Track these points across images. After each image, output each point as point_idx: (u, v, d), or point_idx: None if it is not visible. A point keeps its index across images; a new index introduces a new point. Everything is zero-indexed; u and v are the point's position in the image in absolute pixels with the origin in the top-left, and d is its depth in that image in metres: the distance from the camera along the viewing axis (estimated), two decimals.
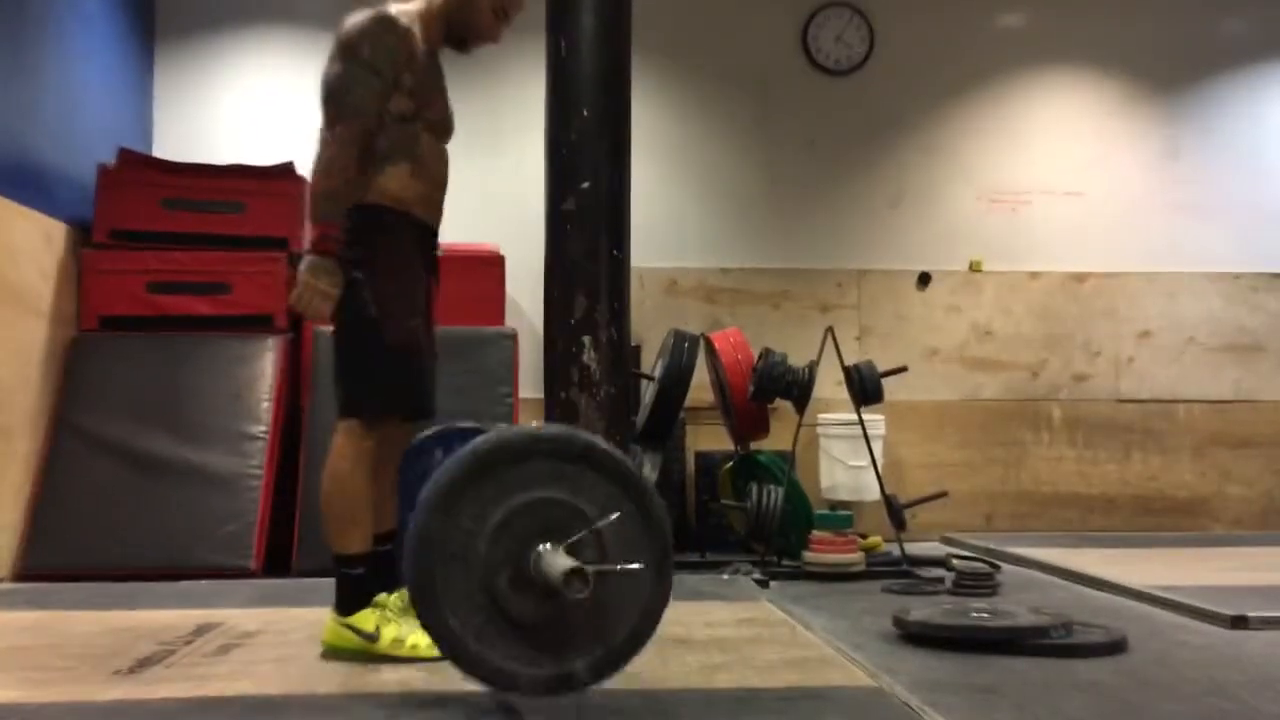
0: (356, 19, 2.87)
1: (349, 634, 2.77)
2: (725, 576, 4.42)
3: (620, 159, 4.21)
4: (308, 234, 2.83)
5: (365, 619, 2.78)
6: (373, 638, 2.76)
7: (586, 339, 4.09)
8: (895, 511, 4.84)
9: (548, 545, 2.06)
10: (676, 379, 5.07)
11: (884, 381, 4.94)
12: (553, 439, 2.14)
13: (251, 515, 4.69)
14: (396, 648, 2.76)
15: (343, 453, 2.79)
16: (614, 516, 2.10)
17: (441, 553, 2.05)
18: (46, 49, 4.96)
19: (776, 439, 5.35)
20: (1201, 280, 6.66)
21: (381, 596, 2.84)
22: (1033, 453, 6.49)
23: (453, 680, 2.58)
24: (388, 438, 2.89)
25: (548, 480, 2.10)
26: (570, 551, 2.05)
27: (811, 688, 2.54)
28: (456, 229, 5.83)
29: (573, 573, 1.93)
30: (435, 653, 2.73)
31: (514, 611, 2.07)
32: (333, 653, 2.80)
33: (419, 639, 2.70)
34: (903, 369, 5.11)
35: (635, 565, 2.11)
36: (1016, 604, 3.44)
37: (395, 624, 2.79)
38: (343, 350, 2.86)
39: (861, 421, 5.03)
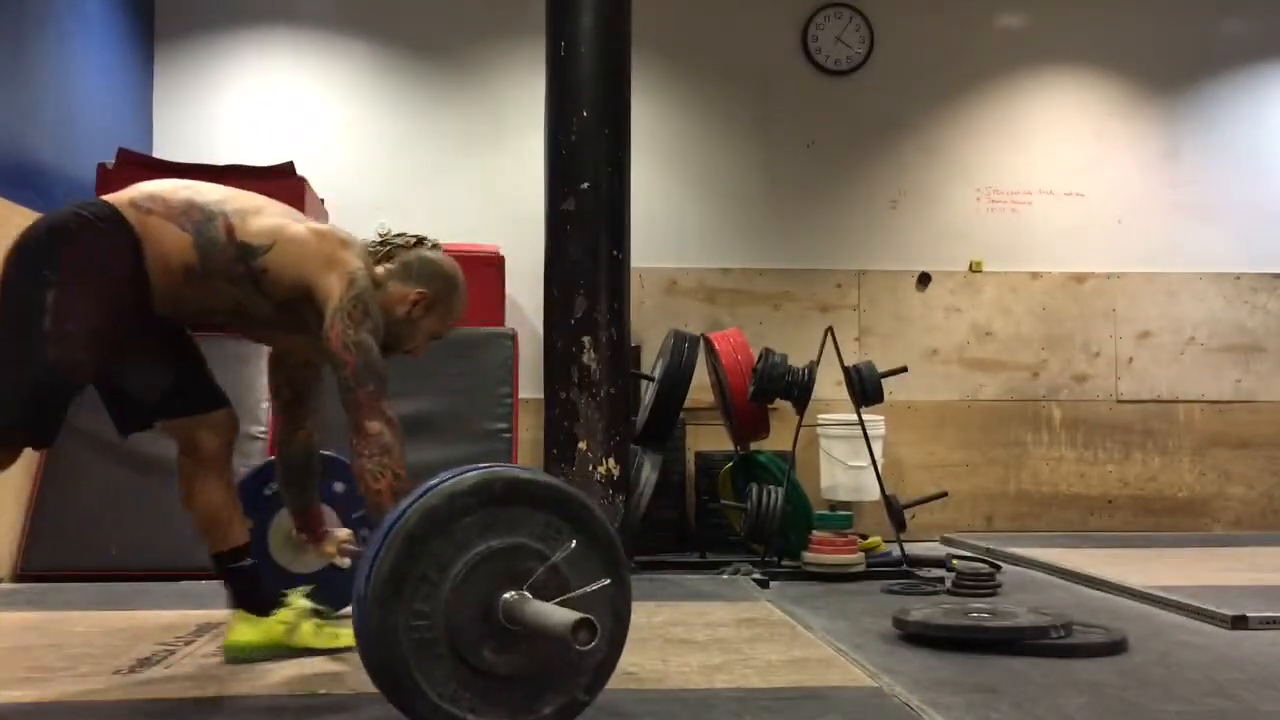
0: (361, 280, 2.60)
1: None
2: (725, 576, 4.42)
3: (620, 159, 4.22)
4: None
5: None
6: None
7: (586, 339, 4.10)
8: (895, 512, 4.84)
9: (512, 594, 1.98)
10: (676, 379, 5.07)
11: (884, 382, 4.94)
12: (472, 490, 2.01)
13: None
14: None
15: None
16: (571, 545, 2.04)
17: (408, 643, 1.94)
18: (46, 49, 4.96)
19: (776, 439, 5.35)
20: (1201, 280, 6.66)
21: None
22: (1033, 453, 6.49)
23: None
24: (198, 446, 2.73)
25: (483, 531, 2.00)
26: (534, 592, 1.99)
27: (811, 688, 2.54)
28: (457, 229, 5.88)
29: (580, 624, 1.85)
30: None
31: (501, 670, 2.00)
32: None
33: None
34: (903, 369, 5.11)
35: (605, 581, 2.05)
36: (1016, 604, 3.44)
37: None
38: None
39: (861, 422, 5.03)
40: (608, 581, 2.06)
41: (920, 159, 6.60)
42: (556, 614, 1.91)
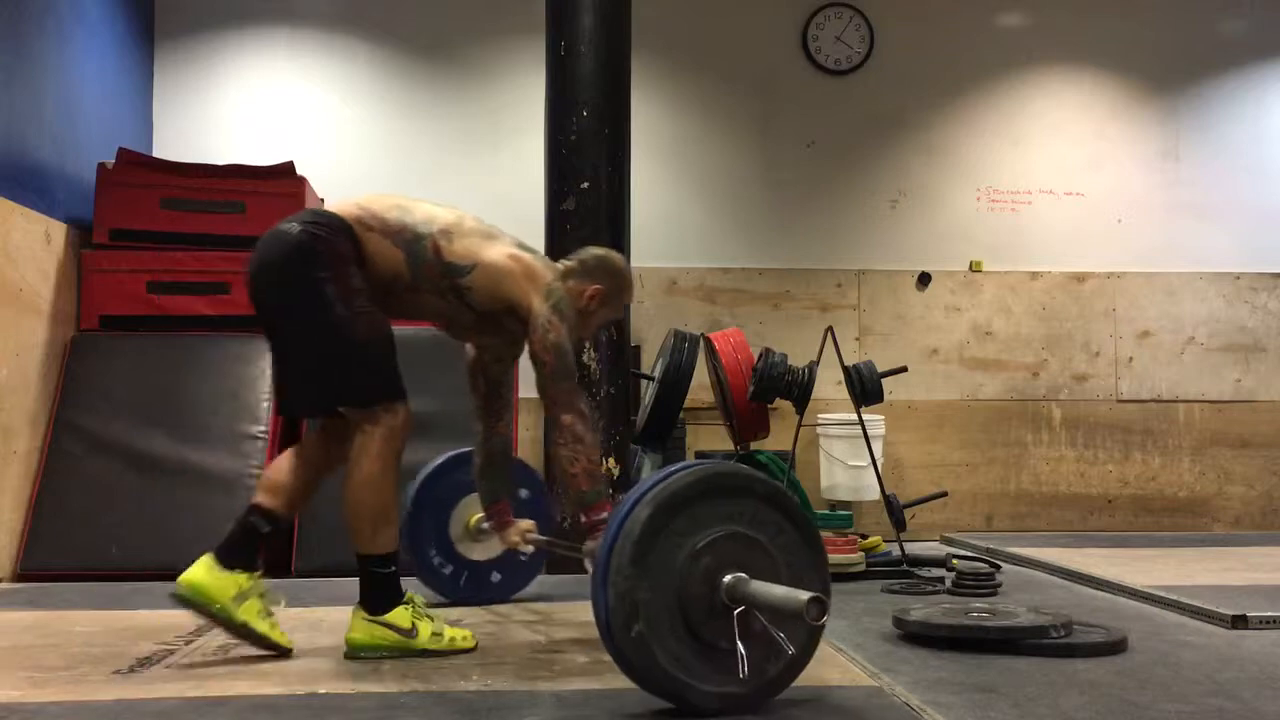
0: (557, 291, 2.96)
1: (385, 631, 2.80)
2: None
3: (620, 159, 4.22)
4: (585, 521, 2.84)
5: (401, 616, 2.81)
6: (410, 633, 2.81)
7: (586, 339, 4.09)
8: (895, 511, 4.84)
9: (732, 576, 2.23)
10: (676, 379, 5.07)
11: (884, 381, 4.93)
12: (694, 485, 2.26)
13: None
14: (436, 641, 2.83)
15: (372, 454, 2.77)
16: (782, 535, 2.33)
17: (648, 622, 2.19)
18: (47, 50, 4.96)
19: (776, 439, 5.35)
20: (1201, 280, 6.67)
21: (409, 593, 2.87)
22: (1033, 453, 6.50)
23: (449, 678, 2.59)
24: (344, 439, 2.87)
25: (705, 521, 2.25)
26: (752, 574, 2.24)
27: (811, 688, 2.54)
28: None
29: (813, 601, 2.07)
30: (471, 644, 2.88)
31: (723, 644, 2.24)
32: (361, 652, 2.81)
33: (455, 632, 2.87)
34: (903, 369, 5.10)
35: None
36: (1016, 604, 3.44)
37: (427, 620, 2.85)
38: (319, 353, 2.81)
39: (861, 421, 5.03)
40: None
41: (920, 159, 6.60)
42: (791, 592, 2.16)
